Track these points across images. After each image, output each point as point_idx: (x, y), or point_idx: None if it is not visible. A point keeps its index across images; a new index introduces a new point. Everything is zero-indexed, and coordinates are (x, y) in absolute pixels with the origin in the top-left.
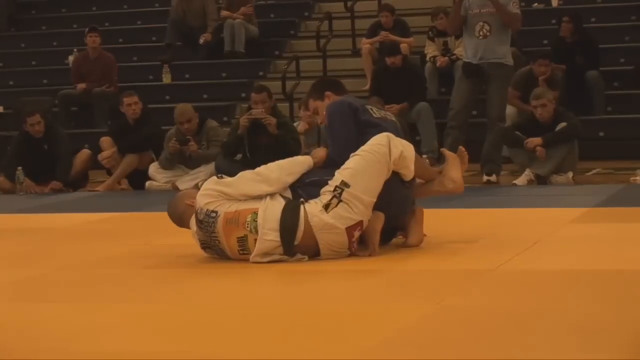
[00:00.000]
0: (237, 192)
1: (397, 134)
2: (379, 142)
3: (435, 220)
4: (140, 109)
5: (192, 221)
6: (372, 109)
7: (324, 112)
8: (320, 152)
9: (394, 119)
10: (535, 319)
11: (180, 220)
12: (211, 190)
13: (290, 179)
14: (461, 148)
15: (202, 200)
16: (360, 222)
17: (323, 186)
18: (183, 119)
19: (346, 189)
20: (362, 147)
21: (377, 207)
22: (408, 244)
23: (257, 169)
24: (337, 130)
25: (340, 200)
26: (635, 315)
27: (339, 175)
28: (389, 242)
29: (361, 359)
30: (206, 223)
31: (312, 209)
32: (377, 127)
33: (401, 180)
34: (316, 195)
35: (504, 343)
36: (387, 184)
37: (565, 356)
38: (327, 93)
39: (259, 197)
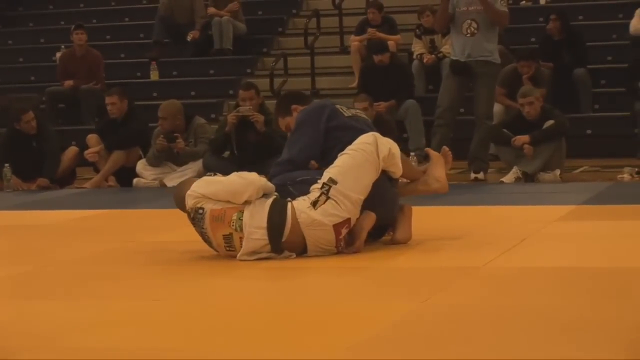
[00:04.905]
0: (219, 198)
1: (370, 130)
2: (365, 140)
3: (422, 218)
4: (118, 109)
5: None
6: (342, 109)
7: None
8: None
9: (364, 115)
10: (523, 317)
11: (182, 204)
12: (196, 193)
13: (262, 193)
14: (445, 148)
15: (190, 200)
16: (348, 220)
17: (313, 184)
18: (160, 114)
19: (334, 186)
20: (349, 147)
21: (367, 206)
22: (395, 240)
23: (244, 174)
24: (297, 136)
25: (328, 197)
26: (625, 312)
27: (327, 172)
28: (378, 239)
29: (346, 356)
30: (197, 219)
31: (300, 205)
32: (347, 130)
33: (389, 178)
34: (307, 192)
35: (491, 341)
36: (377, 183)
37: (553, 354)
38: (294, 107)
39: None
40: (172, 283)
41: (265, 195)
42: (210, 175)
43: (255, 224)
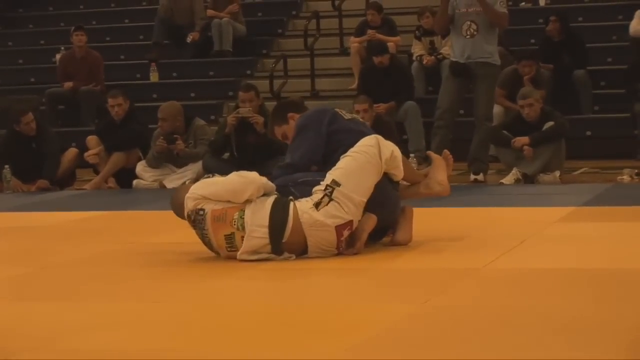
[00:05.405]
0: (220, 197)
1: (370, 133)
2: (368, 143)
3: (422, 219)
4: (123, 110)
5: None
6: (342, 113)
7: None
8: None
9: (360, 119)
10: (523, 318)
11: (180, 210)
12: (196, 195)
13: (262, 192)
14: (446, 151)
15: (190, 203)
16: (350, 222)
17: (315, 185)
18: (160, 115)
19: (337, 188)
20: (352, 149)
21: (370, 208)
22: (396, 241)
23: (244, 173)
24: (299, 141)
25: (331, 199)
26: (625, 313)
27: (330, 175)
28: (377, 241)
29: (346, 357)
30: (197, 221)
31: (302, 206)
32: (349, 133)
33: (390, 181)
34: (309, 193)
35: (491, 342)
36: (379, 186)
37: (554, 355)
38: (290, 114)
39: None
40: (172, 284)
41: (266, 194)
42: (209, 176)
43: (256, 222)
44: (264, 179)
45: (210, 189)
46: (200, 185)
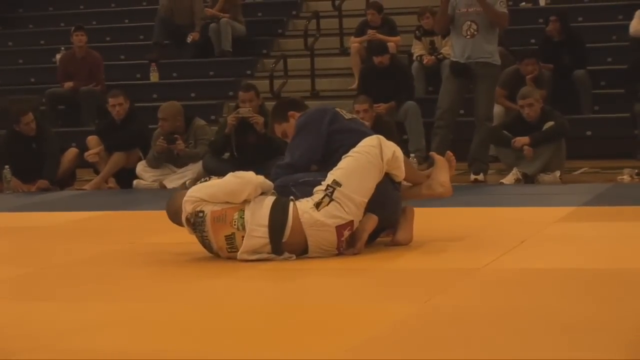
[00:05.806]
0: (217, 199)
1: (370, 133)
2: (370, 143)
3: (422, 219)
4: (124, 110)
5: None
6: (342, 112)
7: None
8: None
9: (360, 119)
10: (523, 318)
11: (176, 216)
12: (194, 197)
13: (260, 191)
14: (449, 152)
15: (188, 206)
16: (351, 222)
17: (316, 186)
18: (160, 115)
19: (338, 188)
20: (354, 149)
21: (371, 209)
22: (396, 241)
23: (239, 173)
24: (299, 140)
25: (332, 199)
26: (625, 313)
27: (331, 175)
28: (374, 241)
29: (345, 357)
30: (197, 224)
31: (303, 206)
32: (349, 132)
33: (392, 181)
34: (310, 194)
35: (491, 342)
36: (381, 186)
37: (554, 355)
38: (290, 113)
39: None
40: (172, 284)
41: (264, 193)
42: (205, 180)
43: (256, 221)
44: (260, 178)
45: (207, 191)
46: (198, 188)
